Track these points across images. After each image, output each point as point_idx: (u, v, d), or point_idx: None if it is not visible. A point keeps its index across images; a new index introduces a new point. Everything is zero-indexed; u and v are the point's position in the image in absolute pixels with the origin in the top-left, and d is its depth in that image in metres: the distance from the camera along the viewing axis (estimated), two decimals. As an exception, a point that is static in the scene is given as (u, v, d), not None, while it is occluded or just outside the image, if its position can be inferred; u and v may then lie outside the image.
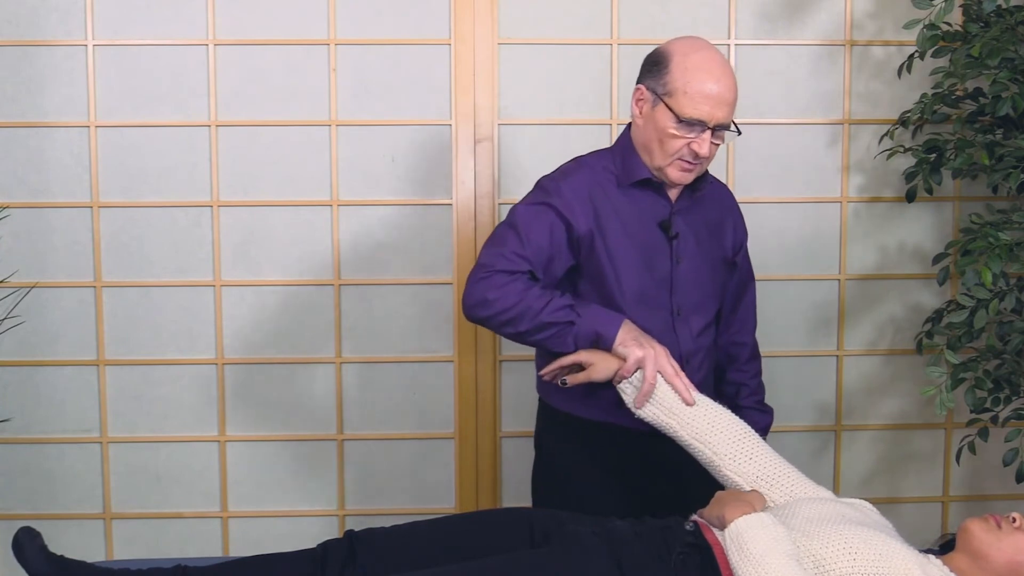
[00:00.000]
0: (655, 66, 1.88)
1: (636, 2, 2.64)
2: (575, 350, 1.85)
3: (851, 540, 1.57)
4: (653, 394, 1.82)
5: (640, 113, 1.91)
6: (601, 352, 1.84)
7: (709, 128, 1.84)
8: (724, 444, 1.79)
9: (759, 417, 2.13)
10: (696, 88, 1.82)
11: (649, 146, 1.90)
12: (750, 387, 2.14)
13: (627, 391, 1.85)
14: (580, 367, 1.86)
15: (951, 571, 1.63)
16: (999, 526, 1.66)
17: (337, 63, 2.63)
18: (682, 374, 1.84)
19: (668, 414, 1.83)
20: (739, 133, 1.91)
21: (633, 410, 1.85)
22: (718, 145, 1.89)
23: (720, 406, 1.85)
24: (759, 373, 2.17)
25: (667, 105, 1.84)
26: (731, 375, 2.14)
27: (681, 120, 1.83)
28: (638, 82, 1.92)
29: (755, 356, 2.17)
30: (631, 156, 1.94)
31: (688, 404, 1.82)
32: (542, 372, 1.92)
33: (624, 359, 1.82)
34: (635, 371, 1.82)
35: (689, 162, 1.87)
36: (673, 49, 1.88)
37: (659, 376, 1.82)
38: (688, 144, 1.85)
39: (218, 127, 2.63)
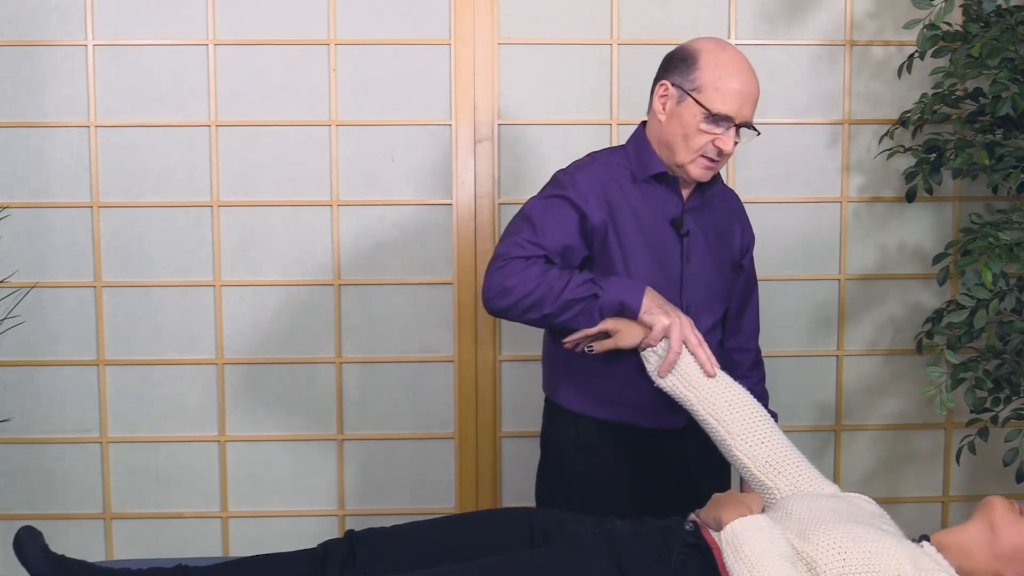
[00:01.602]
0: (682, 63, 1.89)
1: (636, 2, 2.65)
2: (599, 322, 1.84)
3: (840, 540, 1.57)
4: (676, 364, 1.82)
5: (663, 109, 1.91)
6: (626, 320, 1.83)
7: (735, 125, 1.86)
8: (738, 424, 1.79)
9: None
10: (728, 84, 1.84)
11: (672, 142, 1.90)
12: (755, 393, 2.12)
13: (651, 359, 1.85)
14: (606, 335, 1.85)
15: (945, 554, 1.63)
16: (1021, 514, 1.67)
17: (337, 63, 2.63)
18: (705, 345, 1.84)
19: (688, 387, 1.82)
20: (758, 133, 1.93)
21: (655, 379, 1.85)
22: (737, 144, 1.90)
23: (740, 387, 1.85)
24: (763, 380, 2.17)
25: (696, 100, 1.85)
26: (736, 381, 2.13)
27: (712, 115, 1.84)
28: (661, 79, 1.92)
29: (759, 363, 2.17)
30: (646, 151, 1.95)
31: (710, 376, 1.82)
32: (566, 340, 1.88)
33: (650, 327, 1.82)
34: (661, 339, 1.82)
35: (712, 159, 1.89)
36: (701, 47, 1.89)
37: (683, 347, 1.82)
38: (713, 140, 1.86)
39: (218, 127, 2.63)
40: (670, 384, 1.84)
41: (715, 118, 1.84)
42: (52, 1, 2.59)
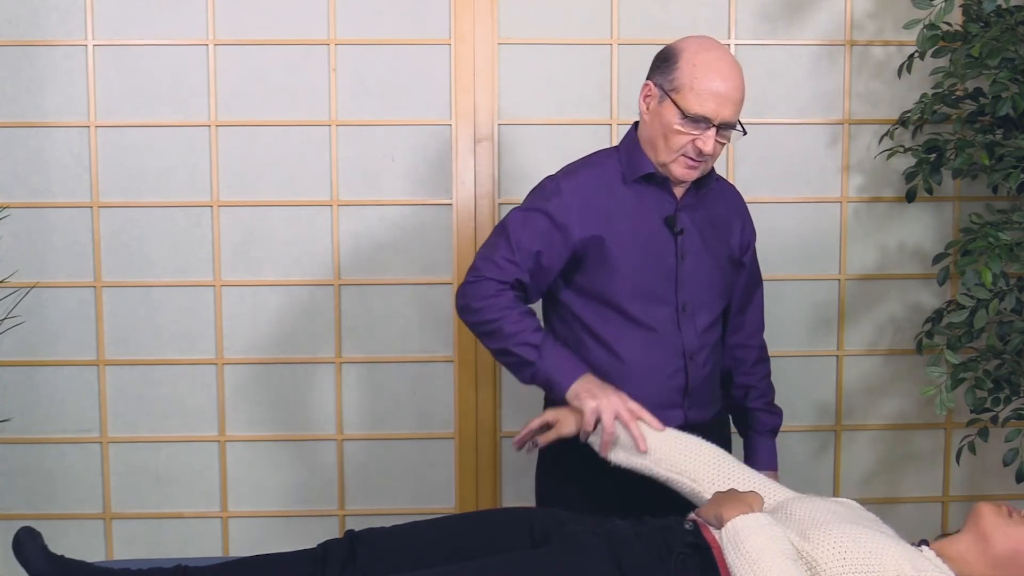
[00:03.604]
0: (664, 63, 1.89)
1: (636, 2, 2.65)
2: (531, 384, 1.92)
3: (840, 540, 1.57)
4: (618, 440, 1.84)
5: (647, 109, 1.92)
6: (566, 408, 1.87)
7: (714, 126, 1.84)
8: (702, 470, 1.80)
9: (768, 418, 2.13)
10: (703, 85, 1.83)
11: (654, 141, 1.91)
12: (759, 389, 2.14)
13: (595, 443, 1.87)
14: (549, 426, 1.89)
15: (943, 561, 1.63)
16: (1010, 515, 1.67)
17: (337, 63, 2.63)
18: (642, 415, 1.83)
19: (639, 455, 1.83)
20: (744, 133, 1.92)
21: (605, 458, 1.87)
22: (723, 144, 1.89)
23: (686, 435, 1.86)
24: (768, 375, 2.17)
25: (673, 101, 1.85)
26: (739, 378, 2.14)
27: (686, 116, 1.84)
28: (647, 78, 1.93)
29: (763, 359, 2.17)
30: (636, 152, 1.96)
31: (641, 451, 1.82)
32: (514, 442, 1.95)
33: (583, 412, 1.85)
34: (595, 423, 1.83)
35: (693, 159, 1.88)
36: (683, 47, 1.89)
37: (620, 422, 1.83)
38: (693, 141, 1.86)
39: (218, 127, 2.63)
40: (621, 458, 1.85)
41: (692, 119, 1.84)
42: (52, 1, 2.59)
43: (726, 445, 2.15)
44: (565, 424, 1.87)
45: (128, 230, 2.65)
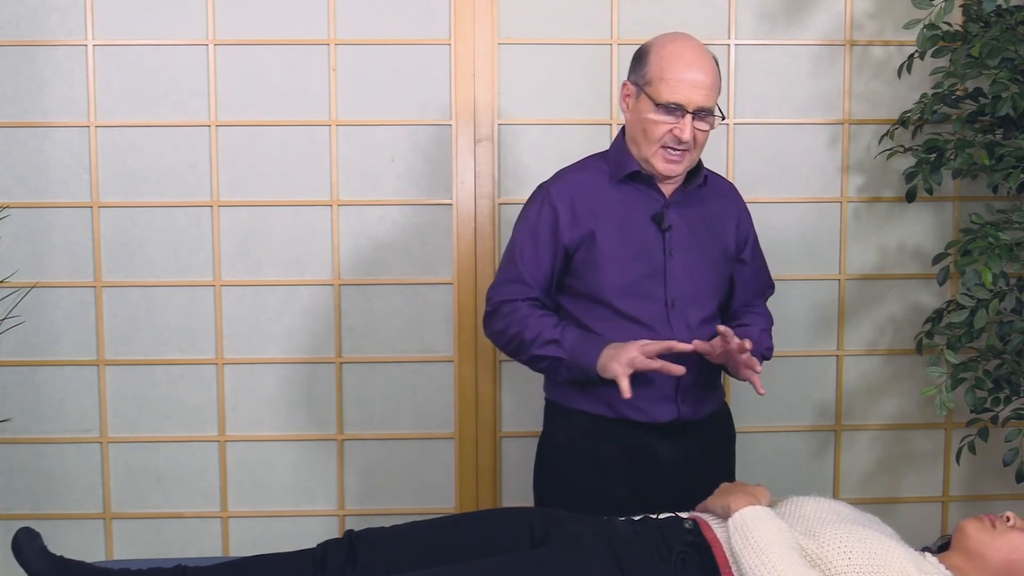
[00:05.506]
0: (637, 61, 1.96)
1: (636, 2, 2.65)
2: (573, 380, 1.95)
3: (846, 539, 1.58)
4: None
5: (627, 108, 1.98)
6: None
7: (689, 112, 1.88)
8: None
9: (760, 336, 2.09)
10: (672, 74, 1.88)
11: (636, 138, 1.96)
12: (758, 314, 2.15)
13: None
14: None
15: (947, 568, 1.63)
16: (994, 525, 1.67)
17: (337, 63, 2.63)
18: (659, 343, 1.86)
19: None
20: (723, 118, 1.96)
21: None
22: (705, 132, 1.93)
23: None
24: (769, 320, 2.17)
25: (647, 94, 1.91)
26: (740, 311, 2.15)
27: (659, 105, 1.88)
28: (625, 79, 1.99)
29: (768, 315, 2.18)
30: (623, 153, 2.00)
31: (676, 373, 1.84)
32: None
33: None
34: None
35: (674, 149, 1.91)
36: (652, 42, 1.95)
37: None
38: (671, 130, 1.89)
39: (218, 127, 2.63)
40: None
41: (666, 108, 1.88)
42: (52, 1, 2.58)
43: (728, 442, 2.15)
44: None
45: (128, 230, 2.65)
